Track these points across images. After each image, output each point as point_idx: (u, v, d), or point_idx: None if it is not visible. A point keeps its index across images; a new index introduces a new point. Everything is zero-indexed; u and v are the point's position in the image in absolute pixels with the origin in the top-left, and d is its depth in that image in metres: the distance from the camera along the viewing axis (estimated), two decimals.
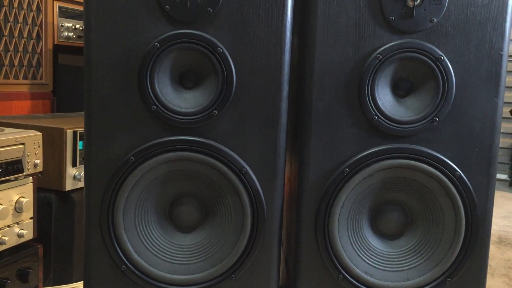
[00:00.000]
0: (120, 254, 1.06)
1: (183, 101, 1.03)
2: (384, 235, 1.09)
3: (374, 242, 1.09)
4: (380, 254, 1.08)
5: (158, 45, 1.00)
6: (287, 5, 1.00)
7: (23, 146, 1.37)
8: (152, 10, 1.00)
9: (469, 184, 1.04)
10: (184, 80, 1.04)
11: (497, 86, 1.03)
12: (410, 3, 1.01)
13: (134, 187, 1.04)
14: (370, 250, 1.08)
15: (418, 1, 1.00)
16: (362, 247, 1.08)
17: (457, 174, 1.04)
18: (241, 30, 1.01)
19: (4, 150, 1.32)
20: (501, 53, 1.02)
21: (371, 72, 1.02)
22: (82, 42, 1.05)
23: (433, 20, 1.01)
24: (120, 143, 1.04)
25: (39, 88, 2.07)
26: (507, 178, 4.17)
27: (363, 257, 1.07)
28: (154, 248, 1.07)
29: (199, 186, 1.07)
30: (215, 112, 1.02)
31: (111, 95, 1.03)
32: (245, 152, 1.04)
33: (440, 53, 1.01)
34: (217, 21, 1.00)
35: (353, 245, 1.07)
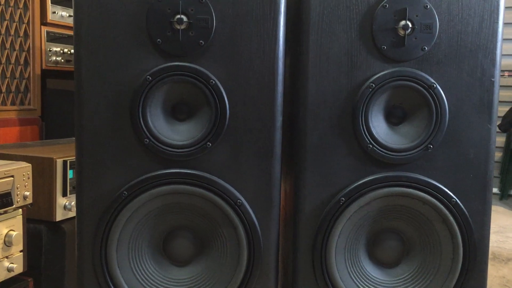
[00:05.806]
0: None
1: (176, 134, 1.02)
2: (381, 263, 1.08)
3: (372, 271, 1.07)
4: (378, 283, 1.07)
5: (150, 78, 0.99)
6: (279, 36, 1.00)
7: (12, 178, 1.35)
8: (144, 44, 0.99)
9: (465, 210, 1.04)
10: (177, 112, 1.03)
11: (490, 113, 1.03)
12: (401, 32, 1.01)
13: (127, 222, 1.02)
14: (368, 279, 1.06)
15: (409, 30, 1.01)
16: (360, 276, 1.06)
17: (453, 201, 1.03)
18: (233, 61, 1.00)
19: None
20: (492, 79, 1.03)
21: (365, 100, 1.02)
22: (70, 66, 1.03)
23: (425, 48, 1.02)
24: (112, 177, 1.02)
25: (28, 114, 2.04)
26: (498, 192, 4.19)
27: (361, 287, 1.06)
28: (148, 283, 1.05)
29: (193, 219, 1.05)
30: (208, 144, 1.01)
31: (102, 128, 1.01)
32: (240, 183, 1.02)
33: (433, 80, 1.02)
34: (210, 53, 1.00)
35: (351, 274, 1.06)
